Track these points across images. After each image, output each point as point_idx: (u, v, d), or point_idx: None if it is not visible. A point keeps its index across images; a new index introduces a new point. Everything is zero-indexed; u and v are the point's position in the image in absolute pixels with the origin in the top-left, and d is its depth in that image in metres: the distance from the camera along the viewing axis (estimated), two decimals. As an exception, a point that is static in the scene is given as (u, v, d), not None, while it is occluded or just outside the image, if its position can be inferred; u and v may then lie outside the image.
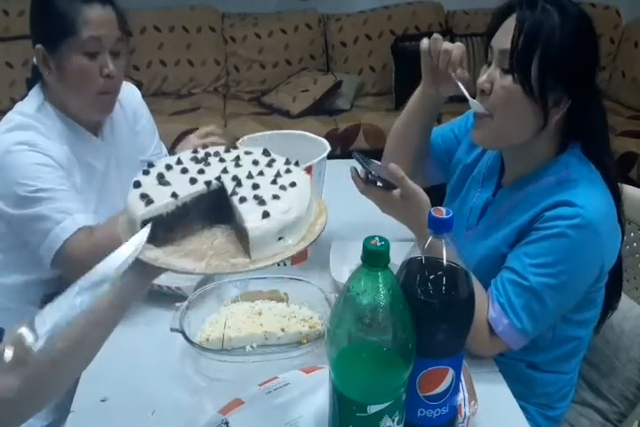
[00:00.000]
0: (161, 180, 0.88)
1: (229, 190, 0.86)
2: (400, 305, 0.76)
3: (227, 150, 0.97)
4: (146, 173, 0.90)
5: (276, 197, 0.84)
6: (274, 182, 0.88)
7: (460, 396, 0.92)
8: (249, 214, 0.81)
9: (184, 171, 0.90)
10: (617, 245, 1.14)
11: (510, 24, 1.08)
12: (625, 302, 1.34)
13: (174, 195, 0.84)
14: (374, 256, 0.74)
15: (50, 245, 1.23)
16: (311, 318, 1.17)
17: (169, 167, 0.91)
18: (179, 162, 0.93)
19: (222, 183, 0.88)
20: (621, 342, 1.32)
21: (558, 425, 1.31)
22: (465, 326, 0.83)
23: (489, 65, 1.13)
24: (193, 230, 0.87)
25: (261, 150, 0.97)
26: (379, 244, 0.74)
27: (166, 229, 0.84)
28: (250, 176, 0.89)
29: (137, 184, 0.88)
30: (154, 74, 3.61)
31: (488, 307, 1.09)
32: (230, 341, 1.11)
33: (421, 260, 0.81)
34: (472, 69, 1.71)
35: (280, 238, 0.81)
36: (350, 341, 0.77)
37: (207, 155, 0.95)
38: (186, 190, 0.86)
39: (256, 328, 1.14)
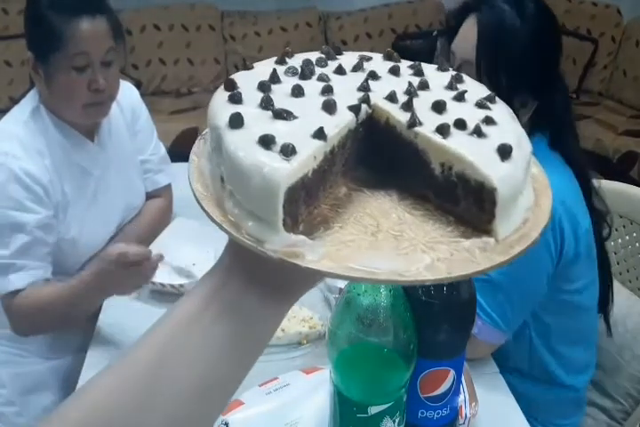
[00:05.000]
0: (273, 108, 0.48)
1: (400, 117, 0.49)
2: (401, 306, 0.76)
3: (329, 56, 0.60)
4: (234, 98, 0.50)
5: (490, 120, 0.49)
6: (460, 98, 0.52)
7: (461, 397, 0.92)
8: (477, 155, 0.45)
9: (297, 92, 0.51)
10: (580, 229, 1.12)
11: (469, 29, 1.09)
12: (628, 299, 1.34)
13: (321, 134, 0.46)
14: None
15: None
16: (311, 318, 1.16)
17: (263, 87, 0.51)
18: (274, 78, 0.53)
19: (374, 107, 0.50)
20: (625, 339, 1.32)
21: None
22: (466, 326, 0.83)
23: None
24: (341, 201, 0.50)
25: (383, 55, 0.60)
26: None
27: (308, 202, 0.47)
28: (411, 91, 0.52)
29: (235, 120, 0.46)
30: (153, 72, 3.60)
31: None
32: (230, 341, 1.11)
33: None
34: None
35: (519, 194, 0.47)
36: (351, 341, 0.77)
37: (308, 65, 0.57)
38: (331, 125, 0.47)
39: (256, 328, 1.13)
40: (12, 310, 1.26)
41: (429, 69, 0.57)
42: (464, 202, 0.47)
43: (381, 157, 0.52)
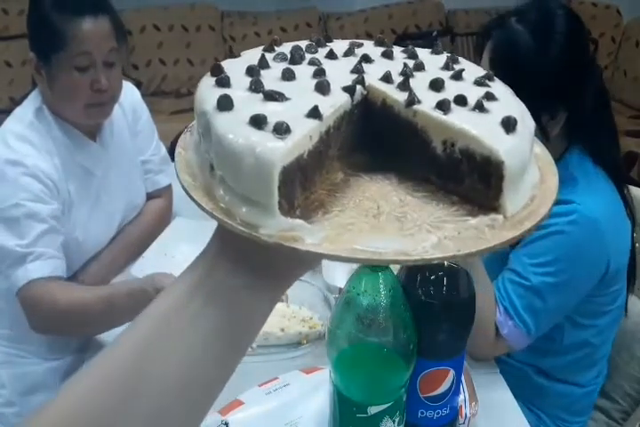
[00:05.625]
0: (263, 89, 0.46)
1: (398, 97, 0.48)
2: (401, 306, 0.76)
3: (318, 43, 0.57)
4: (222, 82, 0.48)
5: (491, 96, 0.48)
6: (457, 76, 0.51)
7: (461, 397, 0.92)
8: (481, 129, 0.44)
9: (287, 75, 0.49)
10: (625, 243, 1.13)
11: (485, 53, 1.10)
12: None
13: (316, 113, 0.44)
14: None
15: (12, 284, 1.22)
16: (311, 318, 1.16)
17: (252, 71, 0.50)
18: (262, 63, 0.51)
19: (370, 88, 0.49)
20: (623, 340, 1.32)
21: None
22: (466, 326, 0.83)
23: None
24: (338, 186, 0.48)
25: (374, 42, 0.59)
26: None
27: (304, 186, 0.46)
28: (407, 72, 0.51)
29: (224, 102, 0.44)
30: (153, 73, 3.60)
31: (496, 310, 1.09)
32: (230, 341, 1.11)
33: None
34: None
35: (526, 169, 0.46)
36: (351, 341, 0.77)
37: (297, 50, 0.54)
38: (326, 105, 0.46)
39: (256, 328, 1.13)
40: (33, 303, 1.21)
41: (423, 53, 0.56)
42: (469, 180, 0.45)
43: (379, 140, 0.50)
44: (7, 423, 1.39)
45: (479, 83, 0.50)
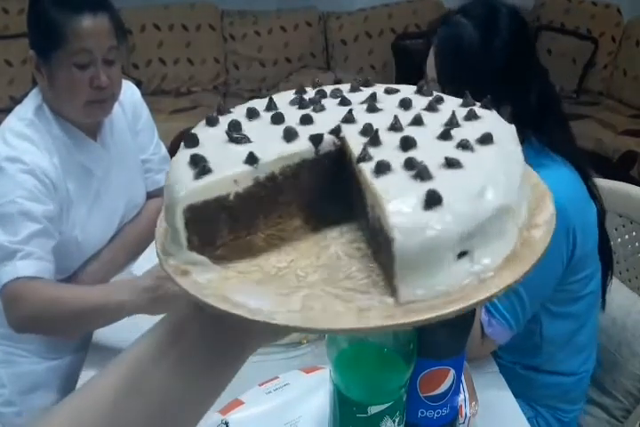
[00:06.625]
0: (234, 133, 0.49)
1: (356, 152, 0.46)
2: (401, 305, 0.76)
3: (354, 89, 0.57)
4: (212, 122, 0.52)
5: (453, 163, 0.43)
6: (445, 136, 0.46)
7: (461, 396, 0.92)
8: (393, 199, 0.40)
9: (277, 119, 0.51)
10: (590, 226, 1.14)
11: (432, 51, 1.13)
12: (627, 297, 1.35)
13: (252, 159, 0.46)
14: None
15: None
16: (311, 317, 1.16)
17: (252, 114, 0.52)
18: (270, 106, 0.54)
19: (343, 140, 0.48)
20: (623, 337, 1.33)
21: None
22: (466, 326, 0.83)
23: None
24: (286, 233, 0.48)
25: (415, 88, 0.56)
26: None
27: (233, 227, 0.47)
28: (396, 127, 0.48)
29: (190, 140, 0.49)
30: (153, 72, 3.60)
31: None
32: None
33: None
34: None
35: (462, 254, 0.40)
36: (351, 341, 0.77)
37: (321, 95, 0.56)
38: (274, 152, 0.47)
39: (256, 328, 1.13)
40: (14, 299, 1.20)
41: (450, 104, 0.52)
42: (384, 252, 0.41)
43: (346, 193, 0.48)
44: (7, 423, 1.39)
45: (464, 146, 0.45)
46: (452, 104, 0.52)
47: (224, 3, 3.67)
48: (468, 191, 0.40)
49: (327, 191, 0.49)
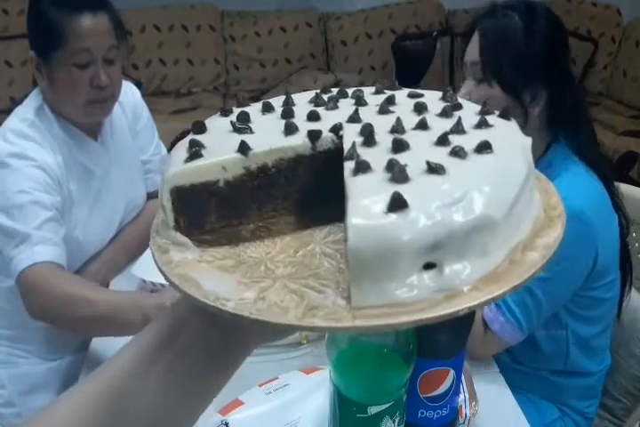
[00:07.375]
0: (238, 123, 0.51)
1: (345, 150, 0.46)
2: (401, 306, 0.76)
3: (377, 91, 0.59)
4: (225, 113, 0.54)
5: (435, 168, 0.41)
6: (442, 141, 0.46)
7: (461, 397, 0.92)
8: (361, 199, 0.40)
9: (286, 114, 0.53)
10: (612, 235, 1.14)
11: (475, 37, 1.15)
12: (627, 297, 1.34)
13: (243, 148, 0.47)
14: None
15: (15, 265, 1.18)
16: (311, 318, 1.16)
17: (267, 108, 0.54)
18: (287, 102, 0.56)
19: (341, 138, 0.49)
20: (621, 337, 1.33)
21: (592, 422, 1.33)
22: (466, 326, 0.83)
23: (464, 80, 1.20)
24: (276, 227, 0.49)
25: (441, 94, 0.55)
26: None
27: (223, 214, 0.48)
28: (397, 129, 0.48)
29: (198, 127, 0.51)
30: (153, 73, 3.60)
31: None
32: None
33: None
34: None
35: (429, 266, 0.39)
36: (351, 342, 0.77)
37: (340, 95, 0.57)
38: (268, 144, 0.48)
39: (256, 328, 1.13)
40: (32, 289, 1.16)
41: (468, 111, 0.51)
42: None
43: (341, 192, 0.46)
44: (7, 424, 1.39)
45: (456, 153, 0.44)
46: (468, 111, 0.51)
47: (224, 3, 3.67)
48: (442, 198, 0.38)
49: (323, 189, 0.48)
